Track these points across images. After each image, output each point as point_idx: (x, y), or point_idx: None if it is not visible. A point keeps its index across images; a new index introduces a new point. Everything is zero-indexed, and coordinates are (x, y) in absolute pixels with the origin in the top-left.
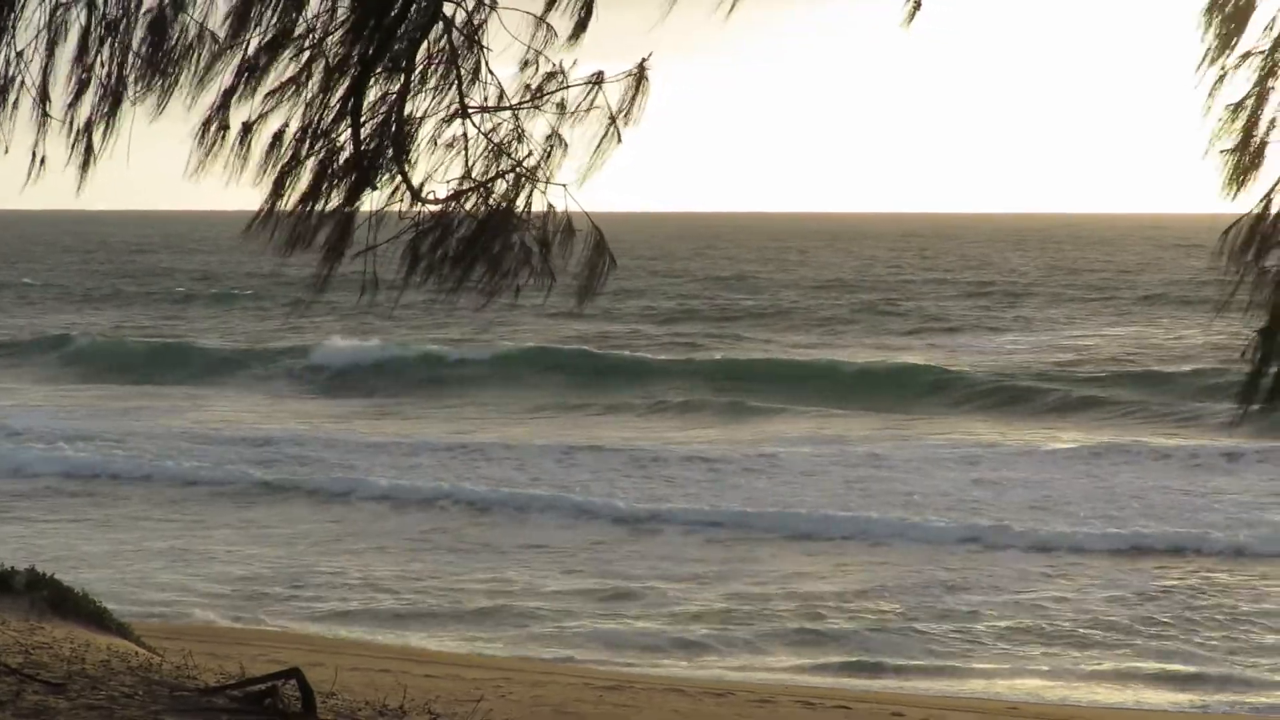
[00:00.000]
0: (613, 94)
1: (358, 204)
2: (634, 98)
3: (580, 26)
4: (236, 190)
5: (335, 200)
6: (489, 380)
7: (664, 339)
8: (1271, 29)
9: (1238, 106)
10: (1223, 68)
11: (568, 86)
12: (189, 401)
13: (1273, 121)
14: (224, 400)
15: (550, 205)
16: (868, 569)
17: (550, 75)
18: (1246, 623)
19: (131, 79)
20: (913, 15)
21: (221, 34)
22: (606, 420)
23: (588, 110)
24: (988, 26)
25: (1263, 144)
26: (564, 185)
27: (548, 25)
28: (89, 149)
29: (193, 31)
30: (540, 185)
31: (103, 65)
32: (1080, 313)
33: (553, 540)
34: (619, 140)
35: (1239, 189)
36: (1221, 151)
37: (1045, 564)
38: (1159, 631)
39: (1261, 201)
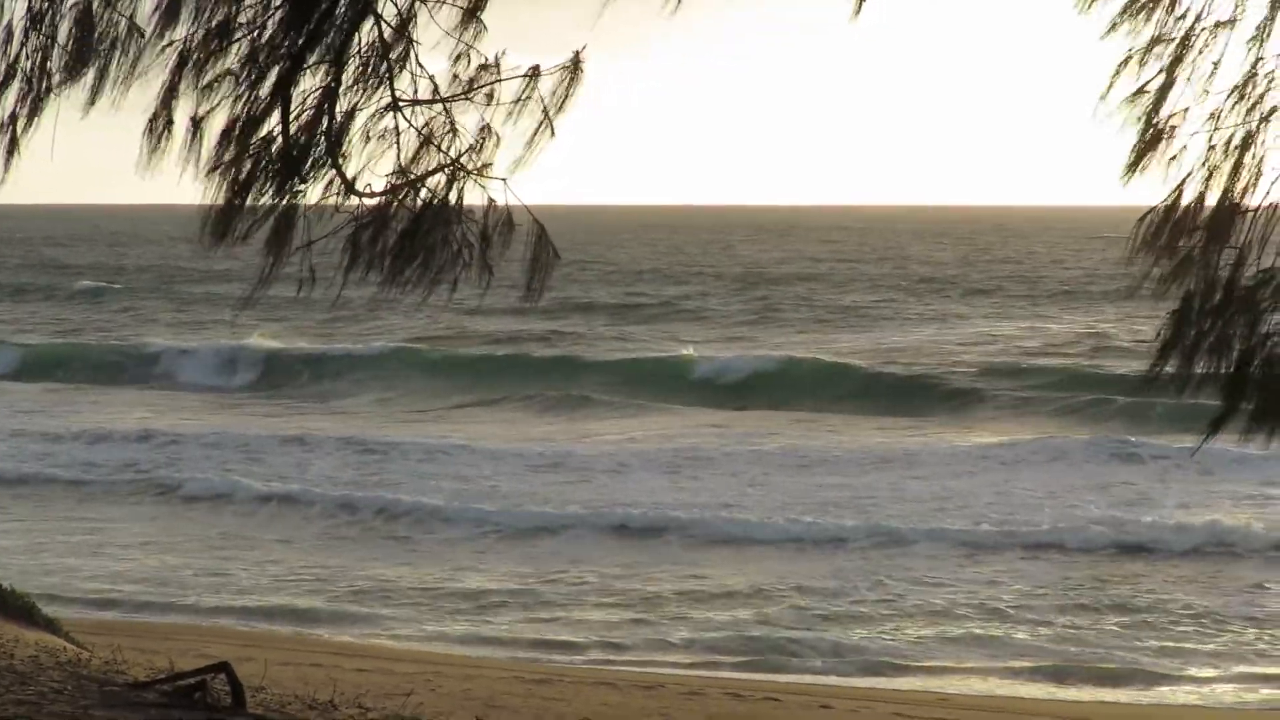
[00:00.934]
0: (548, 87)
1: (296, 198)
2: (568, 89)
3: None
4: (157, 184)
5: (269, 194)
6: (363, 377)
7: (544, 333)
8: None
9: (1141, 95)
10: (1130, 54)
11: (501, 80)
12: (88, 399)
13: (1185, 111)
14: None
15: (490, 199)
16: (777, 565)
17: (483, 68)
18: (1159, 611)
19: (57, 72)
20: (859, 8)
21: (150, 28)
22: (475, 415)
23: (517, 101)
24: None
25: (1161, 132)
26: (504, 179)
27: (479, 19)
28: (13, 141)
29: (122, 25)
30: (477, 178)
31: (28, 58)
32: (983, 306)
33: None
34: (553, 133)
35: (1136, 175)
36: (1131, 141)
37: (957, 560)
38: (1072, 623)
39: (1173, 192)
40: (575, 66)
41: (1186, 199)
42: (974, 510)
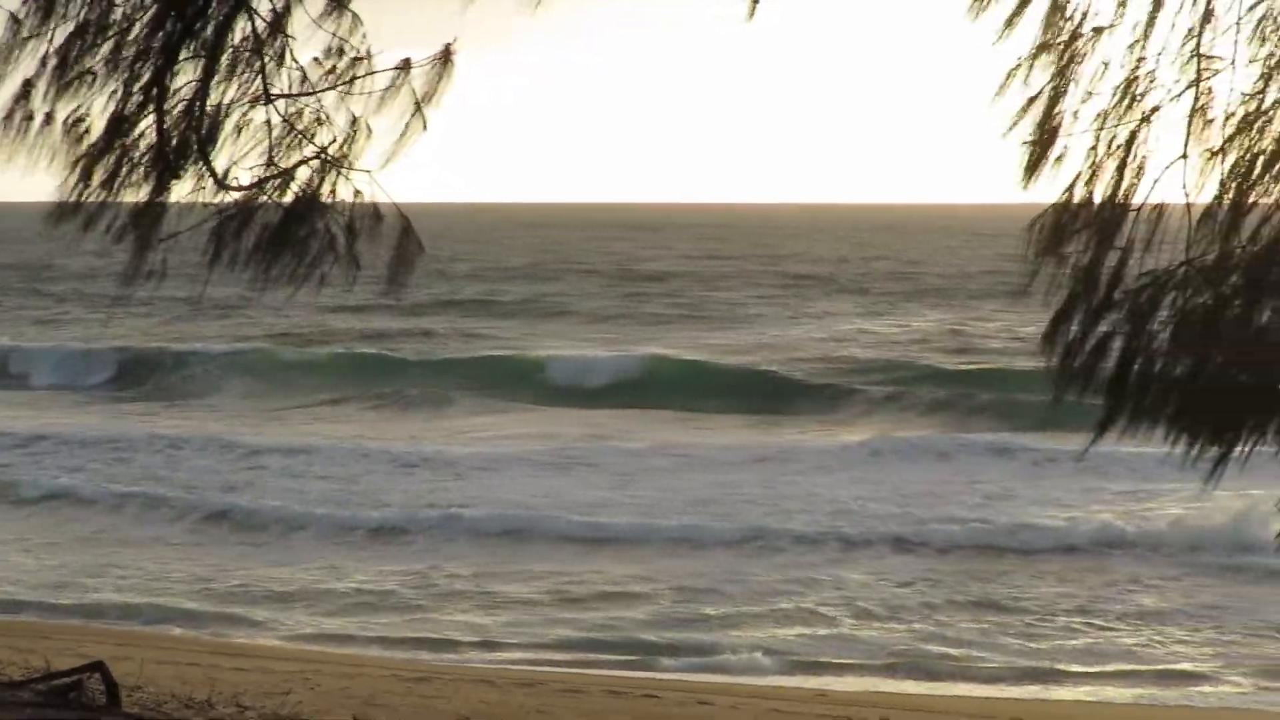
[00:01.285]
0: (419, 80)
1: (163, 193)
2: (439, 82)
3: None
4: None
5: (143, 190)
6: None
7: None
8: (1068, 21)
9: (1033, 99)
10: (1020, 60)
11: (374, 72)
12: None
13: (1075, 114)
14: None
15: (358, 192)
16: (651, 564)
17: (355, 60)
18: (1028, 610)
19: None
20: (753, 10)
21: (27, 21)
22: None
23: (388, 90)
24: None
25: (1052, 135)
26: (369, 172)
27: (351, 11)
28: None
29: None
30: (345, 172)
31: None
32: (859, 304)
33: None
34: (425, 126)
35: (1033, 178)
36: (1023, 143)
37: (828, 558)
38: (945, 620)
39: (1065, 193)
40: (446, 59)
41: (1077, 199)
42: (844, 508)
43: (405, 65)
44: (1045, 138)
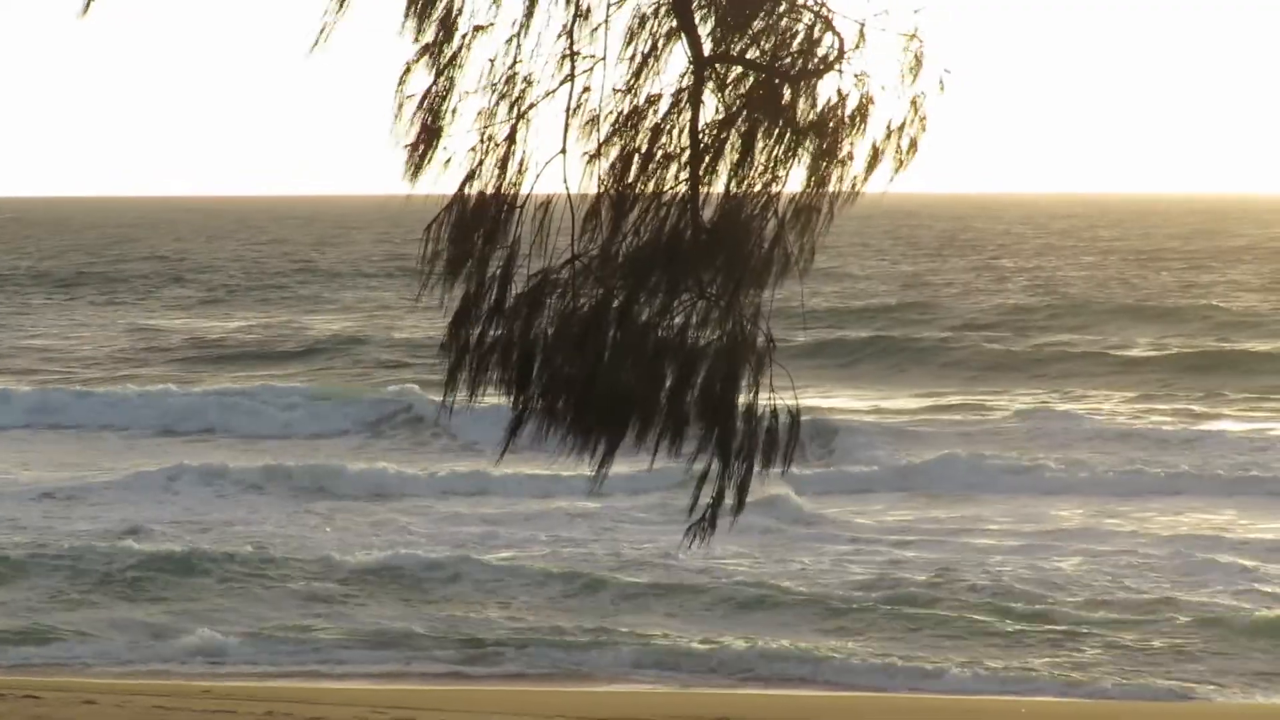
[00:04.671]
0: None
1: None
2: None
3: None
4: None
5: None
6: None
7: None
8: (454, 28)
9: (418, 97)
10: (406, 63)
11: None
12: None
13: (454, 111)
14: None
15: None
16: None
17: None
18: None
19: None
20: (87, 6)
21: None
22: None
23: None
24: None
25: (438, 132)
26: None
27: None
28: None
29: None
30: None
31: None
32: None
33: None
34: None
35: (418, 175)
36: (404, 145)
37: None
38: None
39: (456, 193)
40: None
41: (467, 197)
42: None
43: None
44: (429, 136)
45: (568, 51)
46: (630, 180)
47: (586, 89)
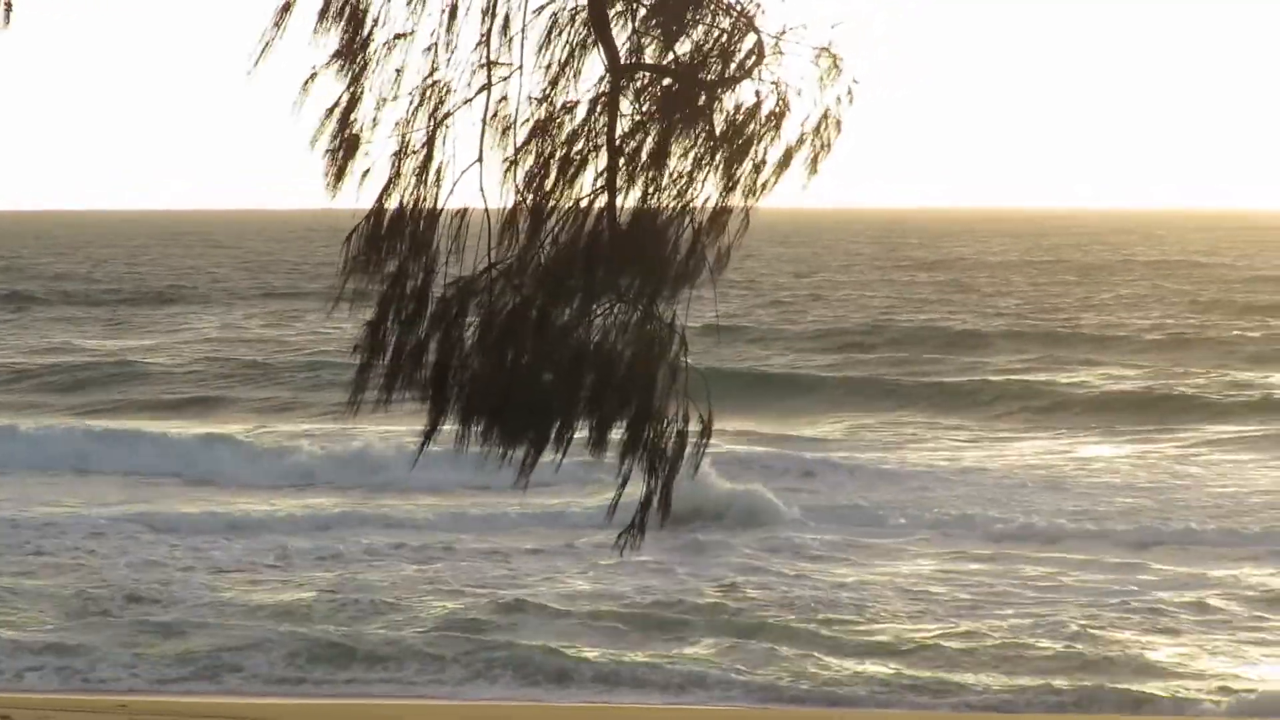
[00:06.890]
0: None
1: None
2: None
3: None
4: None
5: None
6: None
7: None
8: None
9: (333, 108)
10: (315, 69)
11: None
12: None
13: (375, 121)
14: None
15: None
16: None
17: None
18: None
19: None
20: (8, 18)
21: None
22: None
23: None
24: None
25: (355, 142)
26: None
27: None
28: None
29: None
30: None
31: None
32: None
33: None
34: None
35: (338, 187)
36: (325, 153)
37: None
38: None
39: (376, 202)
40: None
41: (386, 207)
42: None
43: None
44: (348, 146)
45: (485, 60)
46: (548, 187)
47: (504, 98)
